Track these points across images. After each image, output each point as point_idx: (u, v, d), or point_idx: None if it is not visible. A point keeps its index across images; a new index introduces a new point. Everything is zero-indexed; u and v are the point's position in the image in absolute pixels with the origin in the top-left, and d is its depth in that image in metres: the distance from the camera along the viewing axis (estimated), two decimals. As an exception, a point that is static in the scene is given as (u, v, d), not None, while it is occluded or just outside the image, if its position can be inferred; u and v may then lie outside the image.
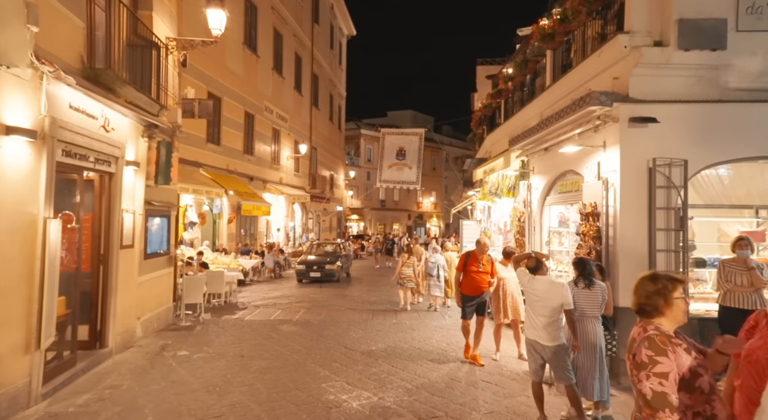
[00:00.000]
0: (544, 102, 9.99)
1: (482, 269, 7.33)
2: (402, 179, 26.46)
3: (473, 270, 7.32)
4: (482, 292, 7.38)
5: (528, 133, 9.02)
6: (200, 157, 17.26)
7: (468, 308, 7.44)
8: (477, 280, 7.31)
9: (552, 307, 4.80)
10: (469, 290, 7.37)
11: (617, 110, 6.34)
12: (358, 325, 10.06)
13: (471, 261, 7.39)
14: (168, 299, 9.90)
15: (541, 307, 4.88)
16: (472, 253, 7.45)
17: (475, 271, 7.31)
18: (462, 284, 7.47)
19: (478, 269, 7.32)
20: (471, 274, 7.32)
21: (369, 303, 13.11)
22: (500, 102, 14.60)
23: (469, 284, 7.35)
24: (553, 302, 4.80)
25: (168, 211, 9.68)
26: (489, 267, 7.41)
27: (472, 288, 7.35)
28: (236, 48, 20.20)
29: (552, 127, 7.69)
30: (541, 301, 4.87)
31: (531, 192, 9.86)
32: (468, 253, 7.56)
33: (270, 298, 13.60)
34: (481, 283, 7.32)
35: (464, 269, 7.42)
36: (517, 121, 12.02)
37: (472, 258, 7.40)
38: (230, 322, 10.19)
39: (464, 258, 7.52)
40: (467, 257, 7.48)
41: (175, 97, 9.95)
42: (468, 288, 7.38)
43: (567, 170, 8.35)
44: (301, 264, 17.49)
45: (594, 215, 6.56)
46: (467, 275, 7.37)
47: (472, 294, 7.36)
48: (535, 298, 4.93)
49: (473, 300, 7.40)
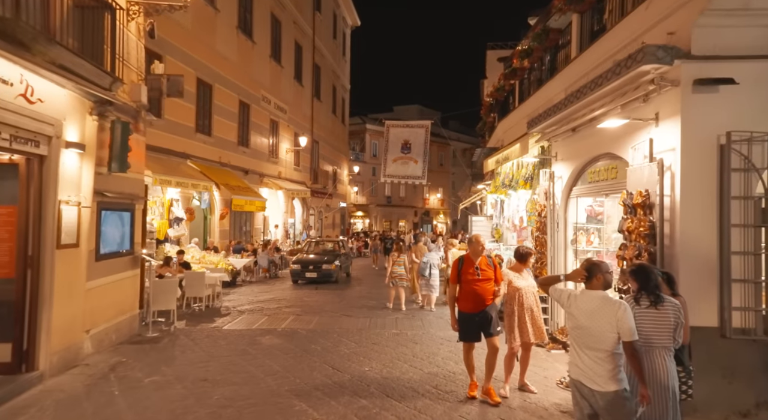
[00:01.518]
0: (569, 77, 8.55)
1: (482, 276, 5.64)
2: (407, 174, 25.09)
3: (471, 278, 5.64)
4: (486, 306, 5.65)
5: (551, 111, 7.58)
6: (188, 147, 15.96)
7: (470, 328, 5.68)
8: (477, 290, 5.60)
9: (606, 337, 3.38)
10: (469, 305, 5.65)
11: (677, 70, 4.89)
12: (352, 336, 8.68)
13: (466, 267, 5.71)
14: (132, 306, 8.56)
15: (589, 337, 3.45)
16: (466, 258, 5.79)
17: (473, 280, 5.62)
18: (459, 299, 5.74)
19: (477, 276, 5.62)
20: (469, 285, 5.64)
21: (367, 308, 11.73)
22: (514, 84, 13.14)
23: (468, 298, 5.64)
24: (607, 329, 3.37)
25: (131, 204, 8.33)
26: (491, 271, 5.73)
27: (473, 302, 5.63)
28: (229, 32, 18.84)
29: (584, 101, 6.23)
30: (590, 329, 3.45)
31: (553, 182, 8.42)
32: (461, 258, 5.88)
33: (258, 302, 12.26)
34: (483, 295, 5.62)
35: (459, 279, 5.74)
36: (535, 102, 10.57)
37: (467, 263, 5.73)
38: (205, 333, 8.84)
39: (457, 266, 5.81)
40: (460, 264, 5.77)
41: (140, 73, 8.59)
42: (467, 303, 5.67)
43: (601, 154, 6.90)
44: (297, 263, 16.14)
45: (645, 207, 5.11)
46: (464, 286, 5.69)
47: (474, 310, 5.63)
48: (582, 323, 3.50)
49: (475, 317, 5.65)
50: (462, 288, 5.73)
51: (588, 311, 3.46)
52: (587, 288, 3.59)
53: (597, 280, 3.55)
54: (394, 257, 11.80)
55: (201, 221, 18.03)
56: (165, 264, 11.47)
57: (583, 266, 3.68)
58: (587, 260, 3.81)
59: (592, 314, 3.43)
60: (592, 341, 3.43)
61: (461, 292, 5.74)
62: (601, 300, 3.47)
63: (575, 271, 3.74)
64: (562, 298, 3.69)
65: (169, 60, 14.83)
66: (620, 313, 3.36)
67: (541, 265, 8.56)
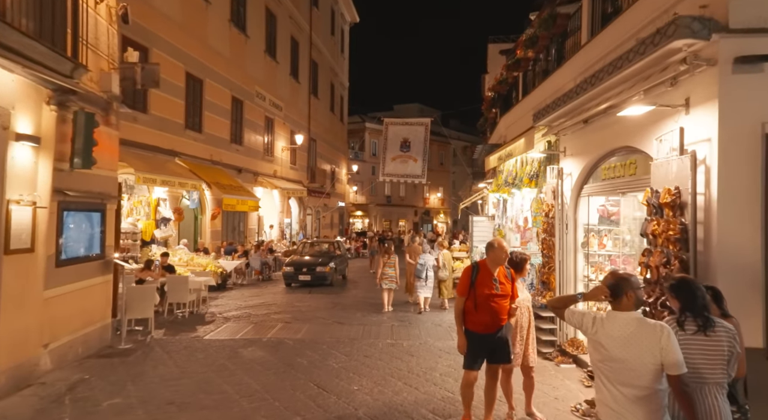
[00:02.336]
0: (579, 64, 7.83)
1: (500, 291, 4.72)
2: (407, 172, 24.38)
3: (489, 292, 4.67)
4: (500, 327, 4.77)
5: (560, 101, 6.87)
6: (177, 144, 15.27)
7: (480, 352, 4.77)
8: (495, 308, 4.68)
9: (647, 370, 2.67)
10: (483, 324, 4.71)
11: (714, 47, 4.18)
12: (343, 347, 7.97)
13: (482, 278, 4.72)
14: (103, 315, 7.86)
15: (625, 371, 2.71)
16: (483, 266, 4.82)
17: (491, 294, 4.67)
18: (468, 315, 4.77)
19: (494, 291, 4.68)
20: (485, 300, 4.67)
21: (362, 313, 11.03)
22: (518, 76, 12.42)
23: (483, 315, 4.68)
24: (648, 361, 2.66)
25: (101, 204, 7.63)
26: (509, 285, 4.82)
27: (488, 321, 4.69)
28: (221, 25, 18.15)
29: (599, 87, 5.52)
30: (625, 361, 2.71)
31: (562, 179, 7.71)
32: (475, 264, 4.93)
33: (246, 308, 11.55)
34: (501, 312, 4.73)
35: (470, 293, 4.74)
36: (540, 94, 9.86)
37: (484, 273, 4.75)
38: (183, 344, 8.13)
39: (469, 274, 4.82)
40: (475, 272, 4.79)
41: (112, 61, 7.89)
42: (481, 321, 4.71)
43: (618, 147, 6.19)
44: (290, 265, 15.43)
45: (675, 207, 4.39)
46: (480, 301, 4.69)
47: (486, 330, 4.71)
48: (615, 354, 2.76)
49: (488, 340, 4.73)
50: (476, 303, 4.69)
51: (622, 339, 2.73)
52: (614, 309, 2.87)
53: (627, 298, 2.82)
54: (384, 259, 11.64)
55: (191, 221, 17.35)
56: (146, 267, 10.79)
57: (606, 281, 2.92)
58: (612, 274, 3.03)
59: (628, 342, 2.71)
60: (628, 376, 2.70)
61: (474, 307, 4.70)
62: (636, 324, 2.75)
63: (597, 289, 2.97)
64: (584, 324, 2.94)
65: (156, 53, 14.16)
66: (664, 341, 2.64)
67: (549, 270, 7.85)
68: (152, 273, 10.63)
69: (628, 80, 5.08)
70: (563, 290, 7.63)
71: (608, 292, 2.87)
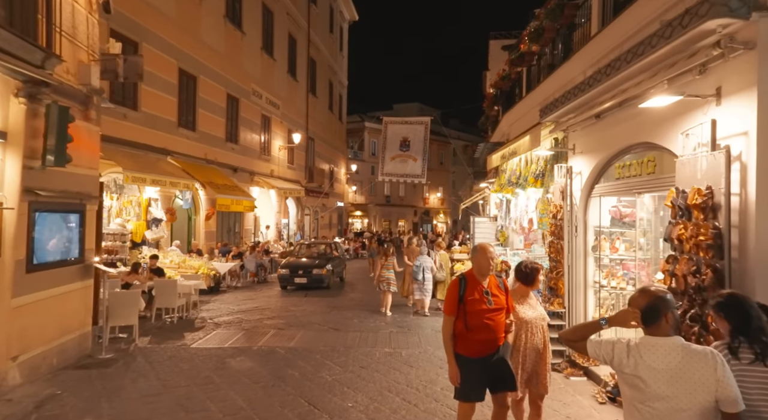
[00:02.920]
0: (590, 56, 7.36)
1: (493, 304, 3.97)
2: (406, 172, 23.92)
3: (480, 307, 3.94)
4: (496, 349, 3.98)
5: (570, 94, 6.40)
6: (169, 143, 14.79)
7: (476, 380, 3.99)
8: (490, 325, 3.94)
9: (700, 409, 2.19)
10: (476, 346, 3.96)
11: (753, 28, 3.71)
12: (338, 357, 7.50)
13: (472, 291, 4.00)
14: (83, 323, 7.38)
15: (674, 413, 2.22)
16: (471, 277, 4.10)
17: (482, 310, 3.94)
18: (459, 337, 4.01)
19: (486, 305, 3.95)
20: (477, 316, 3.94)
21: (359, 318, 10.55)
22: (521, 72, 11.95)
23: (476, 336, 3.94)
24: (702, 398, 2.18)
25: (80, 205, 7.15)
26: (503, 297, 4.08)
27: (483, 342, 3.95)
28: (216, 20, 17.67)
29: (615, 78, 5.05)
30: (675, 398, 2.22)
31: (571, 179, 7.23)
32: (462, 277, 4.17)
33: (239, 312, 11.08)
34: (496, 331, 3.98)
35: (459, 310, 4.00)
36: (546, 89, 9.39)
37: (473, 285, 4.03)
38: (168, 353, 7.65)
39: (456, 288, 4.06)
40: (463, 285, 4.05)
41: (93, 52, 7.40)
42: (474, 343, 3.96)
43: (635, 144, 5.71)
44: (285, 268, 14.94)
45: (707, 209, 3.90)
46: (470, 319, 3.94)
47: (483, 353, 3.95)
48: (661, 392, 2.25)
49: (484, 364, 3.94)
50: (467, 322, 3.94)
51: (667, 372, 2.23)
52: (650, 334, 2.39)
53: (665, 321, 2.32)
54: (382, 261, 11.48)
55: (185, 222, 16.87)
56: (133, 271, 10.32)
57: (638, 302, 2.40)
58: (644, 292, 2.47)
59: (675, 376, 2.21)
60: (678, 416, 2.23)
61: (465, 327, 3.95)
62: (682, 352, 2.26)
63: (625, 313, 2.46)
64: (616, 356, 2.39)
65: (147, 48, 13.68)
66: (720, 372, 2.16)
67: (557, 275, 7.38)
68: (139, 276, 10.15)
69: (649, 69, 4.60)
70: (573, 297, 7.16)
71: (639, 315, 2.38)
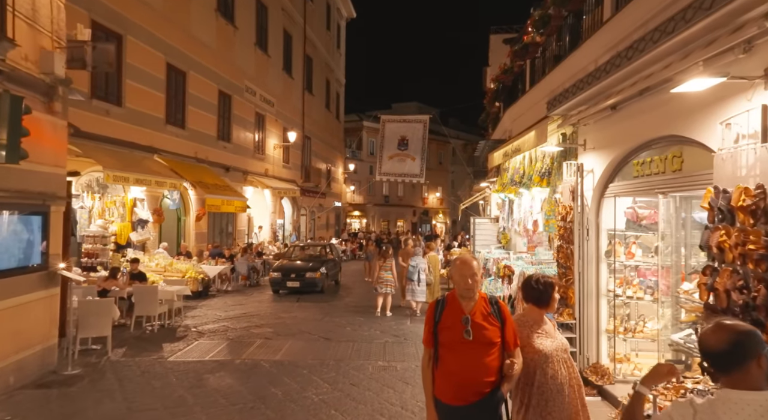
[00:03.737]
0: (603, 42, 6.74)
1: (472, 337, 3.00)
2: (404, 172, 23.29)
3: (450, 339, 3.04)
4: (485, 395, 2.98)
5: (584, 82, 5.76)
6: (156, 140, 14.16)
7: None
8: (466, 363, 2.99)
9: None
10: (448, 390, 3.03)
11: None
12: (327, 372, 6.86)
13: (448, 318, 3.09)
14: (47, 336, 6.73)
15: None
16: (450, 300, 3.17)
17: (458, 343, 3.01)
18: (437, 377, 3.09)
19: (463, 336, 3.00)
20: (452, 352, 3.03)
21: (353, 326, 9.92)
22: (524, 65, 11.32)
23: (451, 377, 3.03)
24: None
25: (42, 206, 6.51)
26: (495, 329, 3.05)
27: (454, 385, 3.02)
28: (206, 14, 17.03)
29: (638, 62, 4.41)
30: None
31: (582, 177, 6.60)
32: (441, 298, 3.26)
33: (226, 319, 10.44)
34: (476, 372, 2.98)
35: (436, 340, 3.11)
36: (553, 81, 8.77)
37: (451, 310, 3.11)
38: (142, 367, 7.01)
39: (432, 312, 3.19)
40: (439, 308, 3.16)
41: (59, 39, 6.76)
42: (445, 385, 3.05)
43: (658, 137, 5.07)
44: (277, 271, 14.30)
45: (757, 213, 3.26)
46: (444, 355, 3.06)
47: (458, 400, 3.00)
48: None
49: (463, 415, 3.01)
50: (437, 356, 3.07)
51: None
52: (728, 386, 1.73)
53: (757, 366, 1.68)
54: (380, 263, 11.44)
55: (174, 223, 16.24)
56: (111, 276, 9.67)
57: (710, 342, 1.74)
58: (719, 327, 1.77)
59: None
60: None
61: (439, 364, 3.06)
62: None
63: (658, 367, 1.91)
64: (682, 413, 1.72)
65: (132, 41, 13.07)
66: None
67: (567, 282, 6.74)
68: (117, 282, 9.52)
69: (680, 48, 3.96)
70: (584, 307, 6.53)
71: (678, 373, 1.73)
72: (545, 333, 3.30)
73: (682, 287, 4.96)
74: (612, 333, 6.25)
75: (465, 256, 3.38)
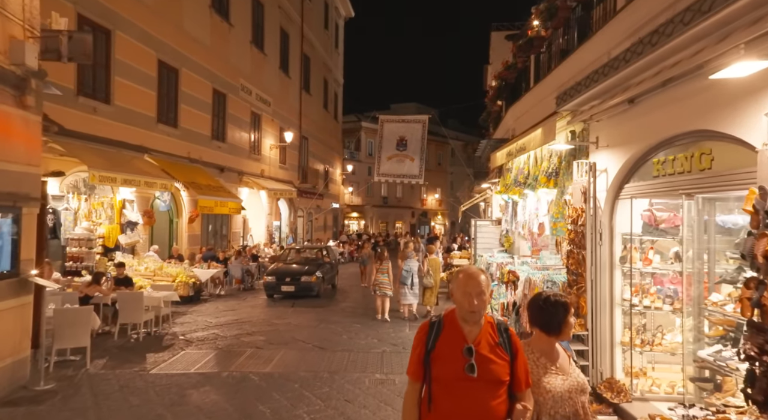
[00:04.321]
0: (617, 33, 6.27)
1: (476, 373, 2.37)
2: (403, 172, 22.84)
3: (447, 374, 2.42)
4: None
5: (597, 75, 5.29)
6: (147, 140, 13.69)
7: None
8: (466, 406, 2.38)
9: None
10: None
11: None
12: (320, 387, 6.38)
13: (445, 346, 2.47)
14: (17, 348, 6.23)
15: None
16: (448, 322, 2.54)
17: (451, 379, 2.41)
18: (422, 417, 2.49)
19: (465, 372, 2.37)
20: (449, 390, 2.42)
21: (349, 334, 9.44)
22: (528, 60, 10.86)
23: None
24: None
25: (12, 208, 6.02)
26: (504, 364, 2.45)
27: None
28: (200, 10, 16.57)
29: (664, 48, 3.94)
30: None
31: (595, 177, 6.14)
32: (437, 321, 2.57)
33: (216, 326, 9.94)
34: (480, 419, 2.40)
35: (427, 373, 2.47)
36: (561, 76, 8.30)
37: (448, 332, 2.51)
38: (122, 381, 6.52)
39: (424, 336, 2.54)
40: (433, 332, 2.53)
41: (32, 28, 6.28)
42: None
43: (684, 132, 4.61)
44: (271, 274, 13.81)
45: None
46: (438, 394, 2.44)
47: None
48: None
49: None
50: (430, 393, 2.46)
51: None
52: None
53: None
54: (377, 265, 11.37)
55: (166, 225, 15.76)
56: (94, 281, 9.17)
57: None
58: None
59: None
60: None
61: (429, 402, 2.46)
62: None
63: None
64: None
65: (122, 37, 12.62)
66: None
67: (578, 291, 6.27)
68: (100, 288, 9.02)
69: (718, 29, 3.49)
70: (597, 317, 6.06)
71: None
72: (556, 368, 2.65)
73: (711, 298, 4.50)
74: (628, 345, 5.78)
75: (470, 268, 2.61)
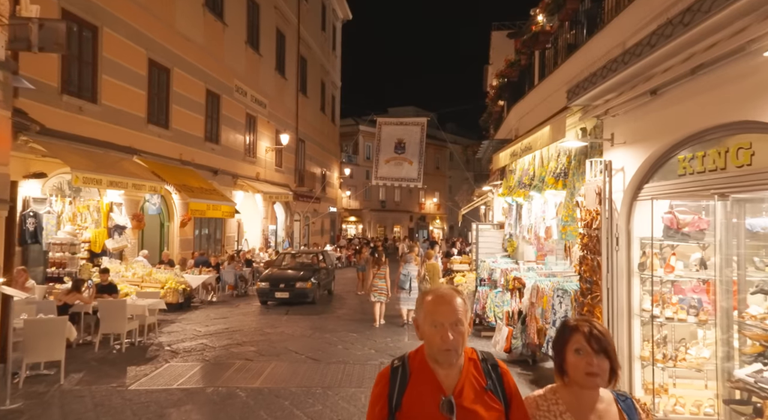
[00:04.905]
0: (631, 23, 5.81)
1: None
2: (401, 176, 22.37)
3: None
4: None
5: (615, 63, 4.81)
6: (136, 141, 13.22)
7: None
8: None
9: None
10: None
11: None
12: (311, 405, 5.86)
13: (411, 393, 1.82)
14: (-18, 362, 5.74)
15: None
16: (415, 363, 1.89)
17: None
18: None
19: None
20: None
21: (344, 344, 8.93)
22: (532, 57, 10.41)
23: None
24: None
25: (-24, 210, 5.53)
26: (497, 415, 1.80)
27: None
28: (193, 9, 16.12)
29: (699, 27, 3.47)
30: None
31: (611, 177, 5.66)
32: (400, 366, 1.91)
33: (205, 336, 9.42)
34: None
35: None
36: (569, 71, 7.84)
37: (417, 380, 1.85)
38: (96, 399, 5.99)
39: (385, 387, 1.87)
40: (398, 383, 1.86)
41: None
42: None
43: (717, 125, 4.12)
44: (265, 280, 13.30)
45: None
46: None
47: None
48: None
49: None
50: None
51: None
52: None
53: None
54: (374, 271, 11.23)
55: (157, 229, 15.25)
56: (74, 289, 8.65)
57: None
58: None
59: None
60: None
61: None
62: None
63: None
64: None
65: (109, 34, 12.19)
66: None
67: (593, 300, 5.78)
68: (81, 296, 8.50)
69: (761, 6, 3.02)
70: (613, 329, 5.56)
71: None
72: None
73: (749, 311, 4.01)
74: (647, 360, 5.29)
75: (441, 289, 1.94)
